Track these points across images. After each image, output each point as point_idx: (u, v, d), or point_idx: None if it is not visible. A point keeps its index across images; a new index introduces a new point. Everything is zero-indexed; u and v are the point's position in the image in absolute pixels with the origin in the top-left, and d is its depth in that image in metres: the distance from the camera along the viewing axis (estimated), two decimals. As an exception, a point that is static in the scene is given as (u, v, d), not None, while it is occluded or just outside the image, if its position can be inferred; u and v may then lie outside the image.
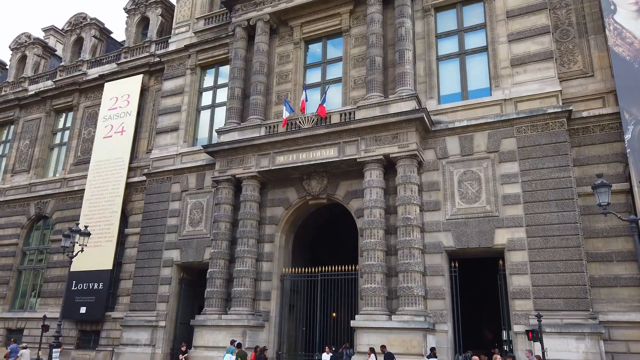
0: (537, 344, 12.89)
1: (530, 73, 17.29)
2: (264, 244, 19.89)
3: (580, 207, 15.77)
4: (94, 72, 28.87)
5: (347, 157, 18.27)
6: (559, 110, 16.32)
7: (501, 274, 16.26)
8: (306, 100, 19.73)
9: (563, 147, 16.10)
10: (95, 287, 23.06)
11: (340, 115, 18.88)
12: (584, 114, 16.68)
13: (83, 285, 23.26)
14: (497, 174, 16.72)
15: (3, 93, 32.12)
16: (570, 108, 16.33)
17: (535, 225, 15.69)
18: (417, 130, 17.49)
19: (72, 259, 19.50)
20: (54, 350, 18.87)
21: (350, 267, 18.11)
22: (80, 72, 29.36)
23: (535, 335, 11.52)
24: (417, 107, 17.53)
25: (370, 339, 15.92)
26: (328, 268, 18.54)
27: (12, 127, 31.30)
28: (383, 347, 15.08)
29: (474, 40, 18.98)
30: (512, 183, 16.41)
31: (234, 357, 15.56)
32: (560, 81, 17.04)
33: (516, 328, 15.25)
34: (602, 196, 12.92)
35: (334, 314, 18.89)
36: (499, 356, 16.19)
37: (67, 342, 22.51)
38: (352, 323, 16.59)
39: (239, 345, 15.93)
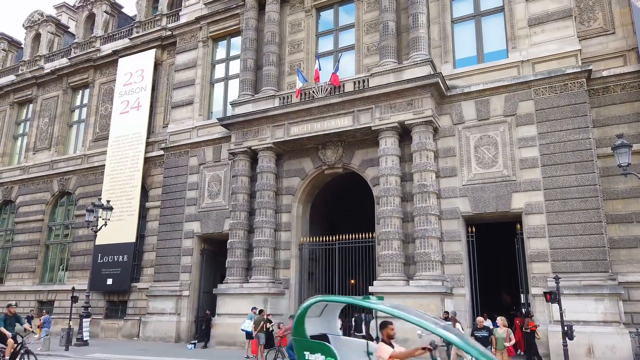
0: (555, 306, 12.98)
1: (549, 33, 16.82)
2: (282, 214, 20.16)
3: (600, 168, 15.57)
4: (107, 48, 28.96)
5: (362, 126, 18.20)
6: (578, 70, 15.92)
7: (519, 237, 16.28)
8: (319, 69, 19.56)
9: (582, 108, 15.79)
10: (120, 259, 23.78)
11: (354, 83, 18.72)
12: (604, 73, 16.26)
13: (108, 258, 24.00)
14: (514, 137, 16.52)
15: (20, 72, 32.52)
16: (590, 68, 15.92)
17: (554, 188, 15.56)
18: (432, 96, 17.28)
19: (97, 233, 20.10)
20: (84, 320, 19.70)
21: (367, 235, 18.31)
22: (94, 49, 29.48)
23: (553, 297, 11.61)
24: (431, 72, 17.27)
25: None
26: (345, 236, 18.77)
27: (31, 105, 31.80)
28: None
29: (490, 1, 18.45)
30: (530, 146, 16.22)
31: (252, 322, 16.02)
32: (579, 40, 16.57)
33: (534, 291, 15.35)
34: (622, 157, 12.73)
35: (352, 281, 19.21)
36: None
37: (95, 313, 23.40)
38: (370, 289, 16.86)
39: (261, 312, 16.35)
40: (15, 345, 10.96)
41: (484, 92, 17.23)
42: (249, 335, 16.08)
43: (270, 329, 16.14)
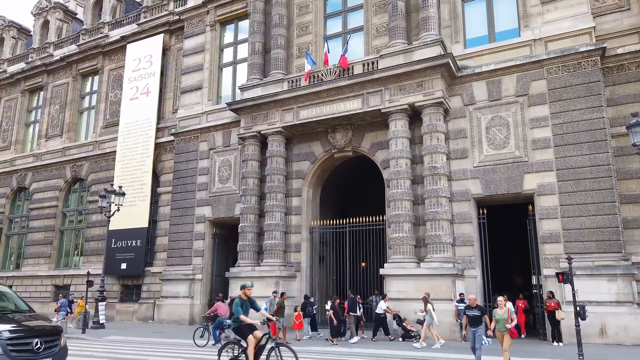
0: (567, 286, 12.93)
1: (562, 10, 16.47)
2: (292, 198, 20.21)
3: (614, 148, 15.36)
4: (115, 34, 28.95)
5: (371, 108, 18.08)
6: (592, 48, 15.60)
7: (531, 219, 16.19)
8: (328, 52, 19.38)
9: (596, 87, 15.51)
10: (134, 244, 24.09)
11: (363, 65, 18.54)
12: (619, 50, 15.93)
13: (122, 243, 24.32)
14: (527, 118, 16.31)
15: (30, 59, 32.67)
16: (604, 45, 15.60)
17: (567, 168, 15.40)
18: (443, 77, 17.07)
19: (110, 219, 20.33)
20: (100, 303, 20.06)
21: (377, 218, 18.32)
22: (102, 35, 29.47)
23: (565, 277, 11.54)
24: (442, 53, 17.04)
25: (399, 286, 16.30)
26: (356, 219, 18.80)
27: (42, 93, 32.02)
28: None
29: (502, -22, 18.07)
30: (542, 127, 16.02)
31: (271, 306, 16.11)
32: (593, 17, 16.21)
33: (546, 272, 15.31)
34: (637, 136, 12.47)
35: (363, 264, 19.29)
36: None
37: (111, 296, 23.82)
38: (382, 271, 16.95)
39: (282, 295, 16.41)
40: (262, 336, 8.69)
41: (495, 72, 16.98)
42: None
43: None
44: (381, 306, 15.52)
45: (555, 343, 14.33)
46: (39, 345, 7.20)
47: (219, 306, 15.54)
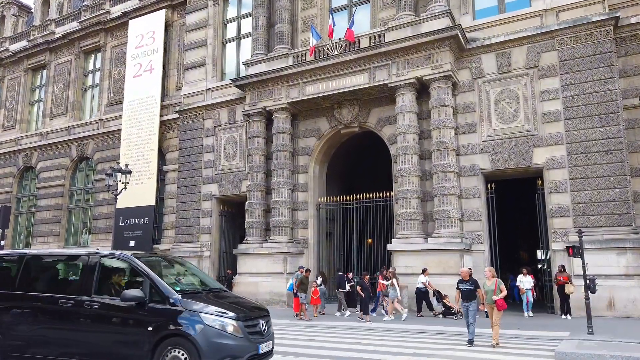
0: (577, 260, 12.89)
1: (574, -22, 15.98)
2: (299, 175, 20.14)
3: (625, 120, 15.10)
4: (117, 10, 28.50)
5: (378, 83, 17.82)
6: (605, 17, 15.20)
7: (539, 193, 16.08)
8: (333, 25, 19.01)
9: (608, 58, 15.16)
10: (141, 222, 24.20)
11: (370, 38, 18.20)
12: (633, 20, 15.54)
13: (129, 221, 24.44)
14: (537, 90, 16.03)
15: (32, 37, 32.32)
16: (618, 14, 15.20)
17: (577, 142, 15.19)
18: (451, 50, 16.74)
19: (117, 197, 20.36)
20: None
21: (385, 194, 18.25)
22: (104, 11, 29.03)
23: (575, 251, 11.48)
24: (450, 25, 16.68)
25: (407, 261, 16.33)
26: (363, 196, 18.75)
27: (45, 71, 31.76)
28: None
29: (512, -54, 17.53)
30: (553, 99, 15.75)
31: (294, 281, 16.15)
32: (607, -15, 15.73)
33: (555, 246, 15.27)
34: (650, 108, 12.26)
35: (370, 240, 19.32)
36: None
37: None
38: (389, 247, 16.97)
39: (307, 271, 16.48)
40: None
41: (505, 43, 16.63)
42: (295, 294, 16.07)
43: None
44: (420, 279, 15.24)
45: (564, 316, 14.39)
46: (264, 326, 6.88)
47: None
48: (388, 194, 18.19)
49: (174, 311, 6.29)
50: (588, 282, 11.24)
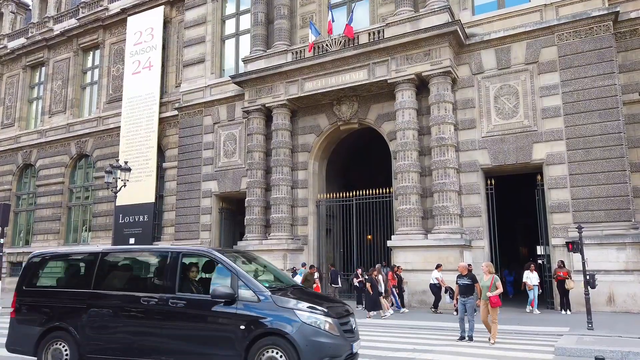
0: (576, 256, 12.91)
1: (574, -27, 15.92)
2: (298, 172, 20.13)
3: (625, 115, 15.09)
4: (115, 7, 28.40)
5: (378, 79, 17.78)
6: (605, 12, 15.16)
7: (539, 189, 16.07)
8: (333, 21, 18.95)
9: (608, 53, 15.13)
10: (141, 219, 24.19)
11: (369, 34, 18.14)
12: (632, 14, 15.49)
13: (129, 218, 24.43)
14: (536, 86, 16.00)
15: (30, 35, 32.21)
16: (618, 9, 15.16)
17: (577, 137, 15.17)
18: (451, 45, 16.70)
19: (117, 194, 20.33)
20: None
21: (384, 190, 18.25)
22: (102, 8, 28.93)
23: (575, 246, 11.48)
24: (450, 20, 16.63)
25: (407, 258, 16.34)
26: (362, 192, 18.75)
27: (43, 68, 31.69)
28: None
29: (512, -59, 17.46)
30: (552, 95, 15.72)
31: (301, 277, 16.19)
32: (607, -20, 15.68)
33: (554, 241, 15.28)
34: (650, 103, 12.24)
35: (369, 236, 19.32)
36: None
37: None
38: (389, 243, 16.97)
39: (311, 267, 16.49)
40: None
41: (504, 39, 16.59)
42: None
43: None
44: (434, 275, 15.11)
45: (563, 312, 14.40)
46: (354, 324, 6.55)
47: None
48: (388, 190, 18.18)
49: (266, 308, 5.97)
50: (588, 277, 11.25)
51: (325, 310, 6.13)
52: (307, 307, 6.03)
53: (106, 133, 27.30)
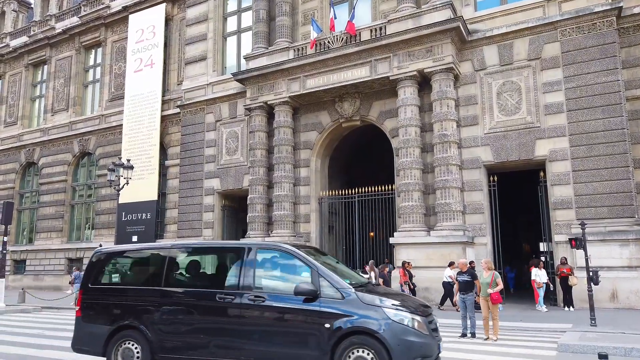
0: (579, 252, 12.88)
1: (577, -32, 15.84)
2: (300, 169, 20.12)
3: (629, 112, 15.04)
4: (117, 5, 28.41)
5: (380, 76, 17.74)
6: (608, 8, 15.08)
7: (542, 185, 16.03)
8: (335, 18, 18.91)
9: (611, 49, 15.05)
10: (144, 217, 24.25)
11: (371, 31, 18.10)
12: (636, 10, 15.42)
13: (132, 216, 24.49)
14: (539, 82, 15.95)
15: (32, 33, 32.26)
16: (621, 4, 15.07)
17: (579, 133, 15.12)
18: (453, 42, 16.64)
19: (119, 192, 20.37)
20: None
21: (386, 187, 18.22)
22: (104, 6, 28.95)
23: (578, 243, 11.46)
24: (452, 17, 16.57)
25: (409, 254, 16.32)
26: (365, 189, 18.73)
27: (46, 67, 31.74)
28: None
29: (514, -64, 17.37)
30: (555, 91, 15.66)
31: None
32: (610, -25, 15.59)
33: (557, 238, 15.24)
34: (654, 98, 12.18)
35: (371, 233, 19.32)
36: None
37: (123, 269, 24.13)
38: (392, 240, 16.97)
39: None
40: None
41: (507, 35, 16.52)
42: None
43: None
44: (446, 273, 15.01)
45: (566, 308, 14.38)
46: (437, 323, 6.28)
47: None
48: (390, 187, 18.16)
49: (351, 306, 5.66)
50: (591, 273, 11.22)
51: (413, 307, 5.89)
52: (393, 305, 5.74)
53: (108, 131, 27.35)
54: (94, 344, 6.82)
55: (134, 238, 24.30)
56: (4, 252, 18.82)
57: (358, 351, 5.50)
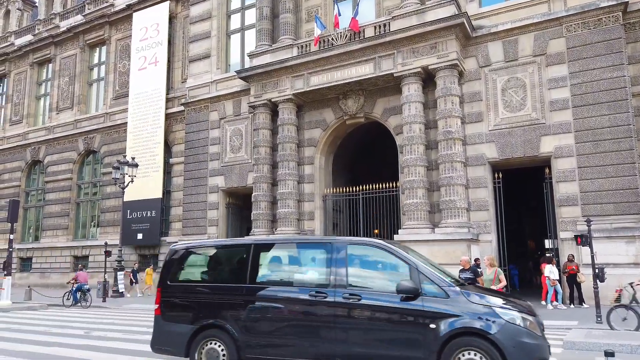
0: (585, 249, 12.82)
1: (583, -37, 15.72)
2: (304, 166, 20.12)
3: (635, 107, 14.92)
4: (120, 3, 28.46)
5: (384, 73, 17.69)
6: (614, 3, 14.95)
7: (547, 182, 15.96)
8: (339, 15, 18.86)
9: (617, 44, 14.94)
10: (149, 214, 24.34)
11: (375, 27, 18.04)
12: (643, 5, 15.25)
13: (137, 214, 24.58)
14: (544, 78, 15.85)
15: (37, 31, 32.37)
16: (627, 0, 14.93)
17: (585, 130, 15.03)
18: (457, 38, 16.57)
19: (124, 190, 20.48)
20: (118, 273, 20.46)
21: (391, 185, 18.20)
22: (108, 4, 29.01)
23: (584, 240, 11.41)
24: (456, 13, 16.49)
25: (414, 252, 16.28)
26: (369, 186, 18.70)
27: (50, 65, 31.86)
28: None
29: None
30: (560, 87, 15.57)
31: None
32: (616, -30, 15.45)
33: (563, 235, 15.18)
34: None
35: (376, 231, 19.30)
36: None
37: (128, 266, 24.22)
38: (396, 237, 16.92)
39: None
40: None
41: (511, 31, 16.43)
42: None
43: None
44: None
45: (572, 305, 14.32)
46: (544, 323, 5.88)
47: (79, 274, 18.37)
48: (394, 184, 18.13)
49: (458, 305, 5.31)
50: (597, 271, 11.17)
51: (522, 306, 5.59)
52: (503, 304, 5.39)
53: (113, 129, 27.45)
54: (176, 344, 6.51)
55: (139, 236, 24.43)
56: (11, 250, 18.95)
57: (469, 353, 5.14)
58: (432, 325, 5.27)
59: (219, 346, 6.26)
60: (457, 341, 5.18)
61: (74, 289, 17.85)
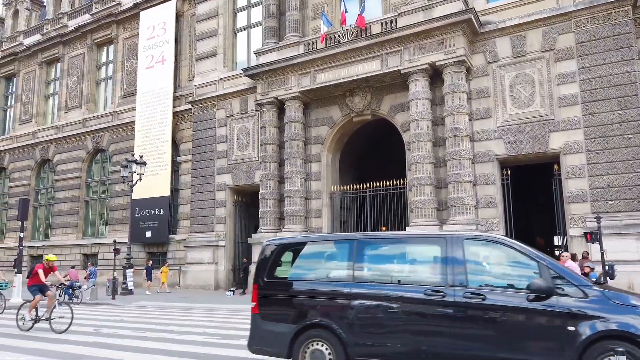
0: (595, 246, 12.73)
1: (592, -43, 15.55)
2: (311, 164, 20.12)
3: (645, 103, 14.74)
4: (127, 2, 28.59)
5: (391, 69, 17.63)
6: (624, -3, 14.79)
7: (556, 178, 15.84)
8: (346, 12, 18.81)
9: (627, 39, 14.78)
10: (157, 212, 24.48)
11: (381, 24, 17.98)
12: (653, -1, 15.07)
13: (145, 212, 24.73)
14: (553, 74, 15.72)
15: (45, 31, 32.60)
16: (637, -7, 14.77)
17: (594, 126, 14.90)
18: (465, 34, 16.47)
19: (133, 188, 20.60)
20: (127, 270, 20.60)
21: (398, 182, 18.16)
22: (115, 3, 29.15)
23: (594, 236, 11.33)
24: (463, 8, 16.39)
25: (421, 249, 16.24)
26: (376, 184, 18.68)
27: (59, 64, 32.08)
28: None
29: None
30: (569, 83, 15.43)
31: None
32: (626, -37, 15.27)
33: (572, 232, 15.07)
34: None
35: (383, 228, 19.27)
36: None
37: (137, 264, 24.39)
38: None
39: None
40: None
41: (520, 26, 16.30)
42: None
43: None
44: None
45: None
46: None
47: (70, 272, 19.24)
48: (401, 181, 18.09)
49: (599, 305, 4.85)
50: (607, 268, 11.09)
51: None
52: None
53: (121, 127, 27.61)
54: (277, 344, 6.14)
55: (148, 233, 24.58)
56: (21, 247, 19.15)
57: (616, 359, 4.71)
58: (571, 328, 4.83)
59: (325, 347, 5.91)
60: (599, 345, 4.74)
61: (66, 286, 17.97)
